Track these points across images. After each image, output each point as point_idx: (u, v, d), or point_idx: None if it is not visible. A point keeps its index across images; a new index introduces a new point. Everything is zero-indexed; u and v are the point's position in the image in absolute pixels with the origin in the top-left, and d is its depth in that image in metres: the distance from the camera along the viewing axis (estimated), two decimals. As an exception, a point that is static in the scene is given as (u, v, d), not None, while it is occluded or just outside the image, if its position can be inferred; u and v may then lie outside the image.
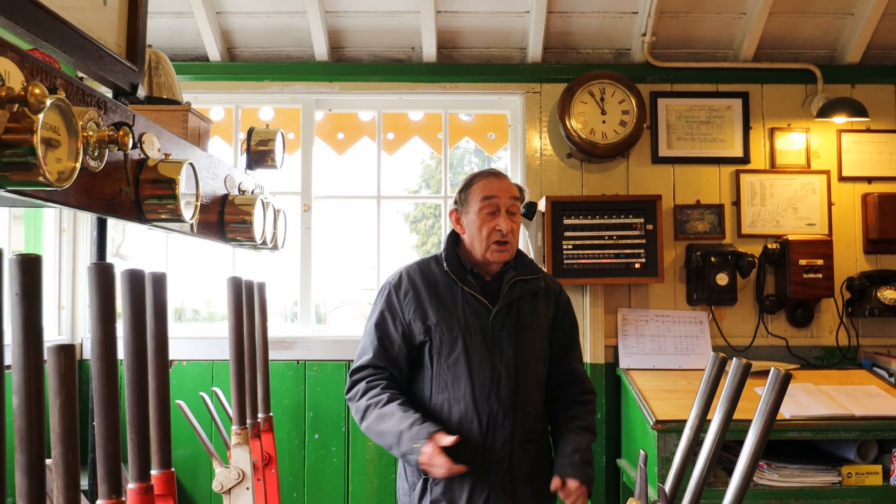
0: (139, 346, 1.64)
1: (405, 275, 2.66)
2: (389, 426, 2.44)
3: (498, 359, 2.53)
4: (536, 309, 2.65)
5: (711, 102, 4.06)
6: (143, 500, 1.65)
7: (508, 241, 2.56)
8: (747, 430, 1.42)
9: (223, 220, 2.43)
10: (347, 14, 3.96)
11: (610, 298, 3.95)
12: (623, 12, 3.95)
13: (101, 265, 1.46)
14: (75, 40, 1.71)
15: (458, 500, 2.48)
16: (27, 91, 1.10)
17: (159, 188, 1.81)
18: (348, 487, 3.94)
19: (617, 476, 3.89)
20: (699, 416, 1.69)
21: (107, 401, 1.50)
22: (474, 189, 2.61)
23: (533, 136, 4.06)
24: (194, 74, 4.01)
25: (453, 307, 2.57)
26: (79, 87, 1.53)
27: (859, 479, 3.18)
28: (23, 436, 1.17)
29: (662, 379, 3.63)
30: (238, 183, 2.61)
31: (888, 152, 4.04)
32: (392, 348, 2.59)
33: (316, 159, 4.19)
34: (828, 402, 3.27)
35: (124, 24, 2.08)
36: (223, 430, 2.60)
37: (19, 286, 1.15)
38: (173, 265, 4.19)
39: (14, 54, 1.31)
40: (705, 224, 3.99)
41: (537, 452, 2.62)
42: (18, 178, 1.24)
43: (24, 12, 1.48)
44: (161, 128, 1.98)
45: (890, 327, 4.01)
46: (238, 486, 2.44)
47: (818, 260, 3.82)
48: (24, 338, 1.16)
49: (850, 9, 3.93)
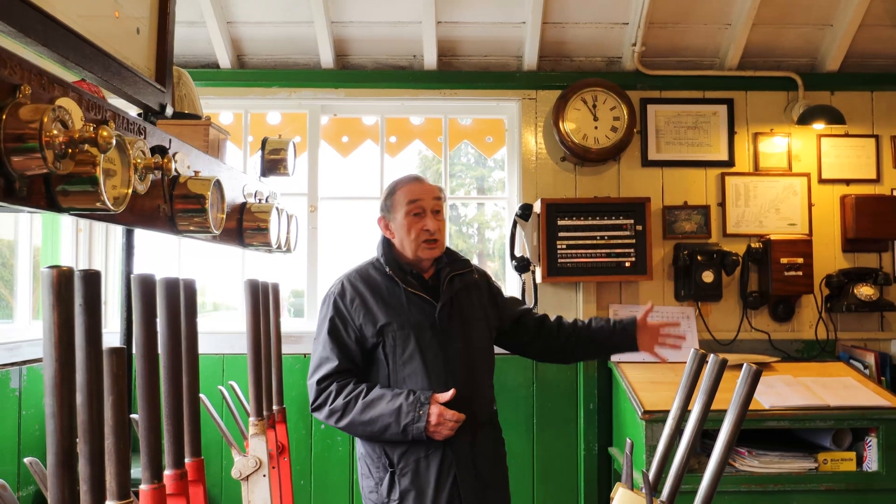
0: (174, 346, 1.83)
1: (347, 282, 2.85)
2: (381, 408, 2.62)
3: (450, 350, 2.74)
4: (474, 299, 2.89)
5: (698, 108, 4.26)
6: (178, 485, 1.83)
7: (437, 238, 2.77)
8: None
9: (241, 226, 2.62)
10: (352, 24, 4.15)
11: (602, 295, 4.15)
12: (615, 23, 4.14)
13: (144, 277, 1.65)
14: (115, 69, 1.90)
15: (427, 486, 2.67)
16: (97, 133, 1.29)
17: (190, 203, 2.00)
18: (352, 475, 4.13)
19: (609, 463, 4.10)
20: (680, 407, 1.86)
21: (149, 396, 1.69)
22: (398, 195, 2.80)
23: (529, 141, 4.26)
24: (206, 81, 4.18)
25: (400, 307, 2.76)
26: (124, 117, 1.72)
27: (834, 466, 3.38)
28: (85, 429, 1.35)
29: (651, 371, 3.82)
30: (254, 191, 2.80)
31: (865, 156, 4.25)
32: (348, 352, 2.77)
33: (321, 162, 4.37)
34: (805, 394, 3.47)
35: (153, 49, 2.27)
36: (240, 422, 2.79)
37: (82, 298, 1.33)
38: (172, 256, 4.37)
39: (73, 93, 1.51)
40: (692, 224, 4.19)
41: (494, 433, 2.89)
42: (82, 205, 1.44)
43: (74, 48, 1.66)
44: (190, 146, 2.17)
45: (866, 322, 4.22)
46: (255, 473, 2.63)
47: (799, 258, 4.02)
48: (86, 343, 1.34)
49: (829, 20, 4.13)
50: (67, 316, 1.25)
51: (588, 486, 4.08)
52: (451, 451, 2.69)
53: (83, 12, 1.73)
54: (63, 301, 1.25)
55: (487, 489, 2.77)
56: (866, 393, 3.50)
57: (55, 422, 1.27)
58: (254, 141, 4.41)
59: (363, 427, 2.67)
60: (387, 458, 2.73)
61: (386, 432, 2.64)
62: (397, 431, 2.61)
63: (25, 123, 1.25)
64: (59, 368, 1.25)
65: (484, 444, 2.80)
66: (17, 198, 1.30)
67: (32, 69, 1.36)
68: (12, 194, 1.29)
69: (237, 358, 4.07)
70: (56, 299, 1.25)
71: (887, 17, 4.09)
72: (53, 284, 1.25)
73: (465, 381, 2.74)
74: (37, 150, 1.25)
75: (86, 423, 1.35)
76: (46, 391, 1.24)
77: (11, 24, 1.41)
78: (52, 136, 1.27)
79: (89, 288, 1.34)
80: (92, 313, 1.35)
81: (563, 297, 4.15)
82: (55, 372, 1.25)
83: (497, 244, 5.78)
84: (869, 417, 3.35)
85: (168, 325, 1.82)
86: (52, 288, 1.25)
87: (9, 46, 1.31)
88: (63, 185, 1.40)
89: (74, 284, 1.33)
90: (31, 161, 1.26)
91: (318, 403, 2.76)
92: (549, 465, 4.15)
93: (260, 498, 2.61)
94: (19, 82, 1.31)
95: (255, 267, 4.35)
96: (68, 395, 1.27)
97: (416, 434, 2.60)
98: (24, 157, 1.25)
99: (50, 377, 1.25)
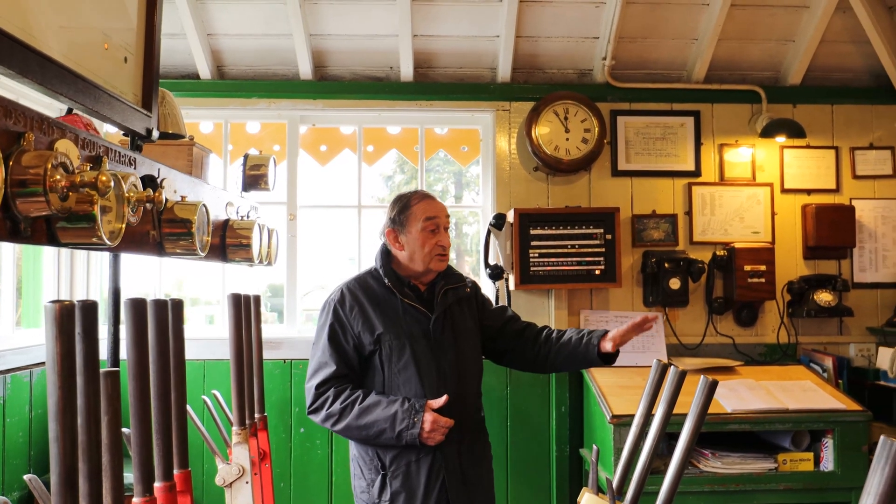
0: (163, 364, 1.93)
1: (346, 291, 2.98)
2: (377, 414, 2.76)
3: (442, 360, 2.88)
4: (465, 312, 3.04)
5: (666, 120, 4.40)
6: (168, 497, 1.94)
7: (447, 253, 2.95)
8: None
9: (224, 243, 2.72)
10: (331, 37, 4.25)
11: (573, 301, 4.29)
12: (586, 37, 4.27)
13: (135, 301, 1.75)
14: (105, 100, 1.99)
15: (417, 488, 2.81)
16: (97, 179, 1.39)
17: (177, 227, 2.10)
18: (332, 478, 4.24)
19: (580, 464, 4.22)
20: (643, 415, 1.97)
21: (141, 414, 1.79)
22: (415, 210, 2.93)
23: (503, 151, 4.38)
24: (186, 91, 4.25)
25: (396, 317, 2.90)
26: (116, 151, 1.82)
27: (793, 466, 3.54)
28: (85, 448, 1.45)
29: (620, 376, 3.95)
30: (237, 207, 2.90)
31: (825, 167, 4.41)
32: (346, 358, 2.89)
33: (300, 170, 4.46)
34: (766, 397, 3.62)
35: (140, 76, 2.35)
36: (223, 430, 2.89)
37: (81, 326, 1.43)
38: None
39: (70, 133, 1.61)
40: (660, 232, 4.33)
41: (481, 438, 3.04)
42: (80, 240, 1.54)
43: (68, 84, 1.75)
44: (176, 171, 2.27)
45: (825, 326, 4.39)
46: (238, 480, 2.74)
47: (762, 266, 4.17)
48: (84, 368, 1.44)
49: (791, 36, 4.29)
50: (69, 347, 1.36)
51: (560, 486, 4.22)
52: (441, 456, 2.83)
53: (76, 48, 1.82)
54: (65, 333, 1.36)
55: (473, 492, 2.92)
56: (824, 396, 3.66)
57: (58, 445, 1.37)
58: (234, 150, 4.49)
59: (359, 431, 2.80)
60: (379, 461, 2.86)
61: (381, 437, 2.77)
62: (392, 437, 2.75)
63: (30, 170, 1.35)
64: (61, 396, 1.35)
65: (472, 449, 2.94)
66: (22, 237, 1.40)
67: (34, 116, 1.46)
68: (18, 234, 1.39)
69: (218, 364, 4.15)
70: (59, 331, 1.35)
71: (846, 34, 4.25)
72: (56, 318, 1.36)
73: (456, 389, 2.88)
74: (41, 194, 1.35)
75: (85, 444, 1.44)
76: (50, 416, 1.34)
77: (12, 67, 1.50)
78: (55, 180, 1.37)
79: (87, 317, 1.44)
80: (90, 341, 1.44)
81: (535, 304, 4.28)
82: (58, 399, 1.35)
83: (474, 239, 5.89)
84: (826, 420, 3.51)
85: (157, 345, 1.91)
86: (54, 321, 1.35)
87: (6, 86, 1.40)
88: (63, 223, 1.50)
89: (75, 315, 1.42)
90: (36, 204, 1.36)
91: (315, 407, 2.88)
92: (523, 465, 4.28)
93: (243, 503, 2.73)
94: (23, 130, 1.41)
95: (233, 266, 4.41)
96: (71, 420, 1.37)
97: (410, 440, 2.73)
98: (28, 200, 1.35)
99: (54, 403, 1.35)
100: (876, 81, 4.47)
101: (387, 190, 6.73)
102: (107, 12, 2.09)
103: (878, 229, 4.40)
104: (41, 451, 3.80)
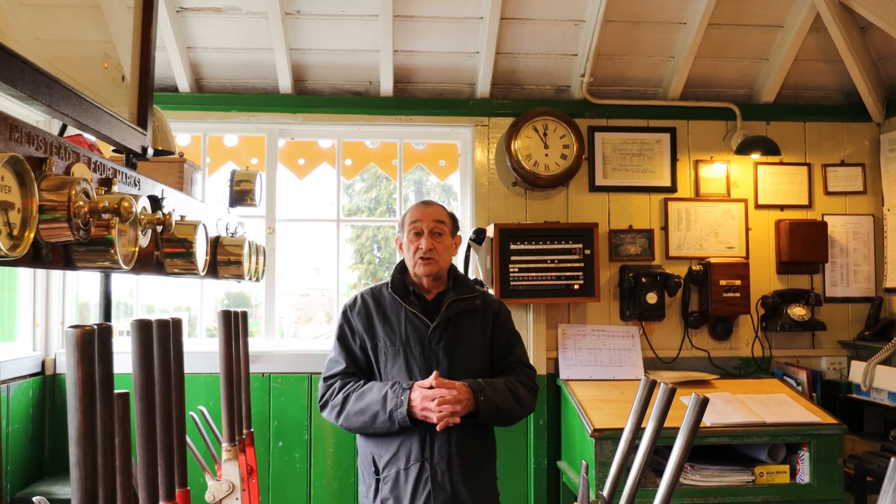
0: (166, 384, 1.93)
1: (360, 297, 3.12)
2: (371, 397, 2.84)
3: (434, 369, 2.89)
4: (474, 325, 3.05)
5: (643, 136, 4.47)
6: (169, 515, 1.94)
7: (431, 256, 2.97)
8: (674, 437, 1.74)
9: (216, 260, 2.71)
10: (311, 51, 4.26)
11: (551, 315, 4.33)
12: (564, 54, 4.33)
13: (143, 322, 1.76)
14: (106, 119, 1.98)
15: (404, 495, 2.85)
16: (119, 205, 1.40)
17: (177, 247, 2.10)
18: (310, 491, 4.24)
19: (557, 476, 4.27)
20: (632, 431, 2.01)
21: (148, 435, 1.79)
22: (406, 216, 3.07)
23: (481, 166, 4.41)
24: (165, 104, 4.21)
25: (397, 324, 2.99)
26: (126, 174, 1.82)
27: (770, 478, 3.61)
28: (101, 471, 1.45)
29: (598, 389, 4.01)
30: (226, 223, 2.89)
31: (798, 183, 4.52)
32: (355, 357, 3.01)
33: (278, 184, 4.46)
34: (743, 411, 3.69)
35: (136, 94, 2.35)
36: (211, 446, 2.88)
37: (98, 350, 1.43)
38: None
39: (84, 157, 1.61)
40: (637, 247, 4.39)
41: (478, 452, 2.99)
42: (96, 265, 1.54)
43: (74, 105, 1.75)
44: (171, 189, 2.27)
45: (799, 340, 4.48)
46: (228, 497, 2.73)
47: (736, 280, 4.26)
48: (101, 391, 1.45)
49: (765, 54, 4.39)
50: (90, 372, 1.36)
51: (538, 497, 4.25)
52: (429, 466, 2.85)
53: (80, 69, 1.82)
54: (87, 358, 1.36)
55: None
56: (799, 409, 3.74)
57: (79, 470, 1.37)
58: (210, 163, 4.47)
59: (357, 418, 2.87)
60: (374, 466, 2.94)
61: (376, 420, 2.83)
62: (385, 419, 2.80)
63: (54, 197, 1.35)
64: (83, 420, 1.36)
65: (464, 462, 2.91)
66: (43, 262, 1.40)
67: (53, 141, 1.46)
68: (40, 260, 1.38)
69: (196, 378, 4.12)
70: (80, 356, 1.36)
71: (819, 53, 4.36)
72: (77, 343, 1.36)
73: None
74: (64, 220, 1.35)
75: (101, 466, 1.45)
76: (71, 441, 1.35)
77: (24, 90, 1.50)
78: (78, 206, 1.37)
79: (103, 340, 1.44)
80: (106, 364, 1.45)
81: (514, 319, 4.26)
82: (79, 423, 1.36)
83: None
84: (801, 433, 3.59)
85: (161, 366, 1.92)
86: (76, 346, 1.36)
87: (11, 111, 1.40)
88: (80, 248, 1.50)
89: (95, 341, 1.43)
90: (59, 231, 1.35)
91: (324, 400, 3.00)
92: (501, 477, 4.27)
93: (233, 521, 2.72)
94: (45, 155, 1.41)
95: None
96: (92, 443, 1.37)
97: (401, 420, 2.77)
98: (52, 227, 1.35)
99: (75, 428, 1.35)
100: (847, 99, 4.59)
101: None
102: (106, 31, 2.09)
103: (849, 244, 4.51)
104: (17, 466, 3.75)
